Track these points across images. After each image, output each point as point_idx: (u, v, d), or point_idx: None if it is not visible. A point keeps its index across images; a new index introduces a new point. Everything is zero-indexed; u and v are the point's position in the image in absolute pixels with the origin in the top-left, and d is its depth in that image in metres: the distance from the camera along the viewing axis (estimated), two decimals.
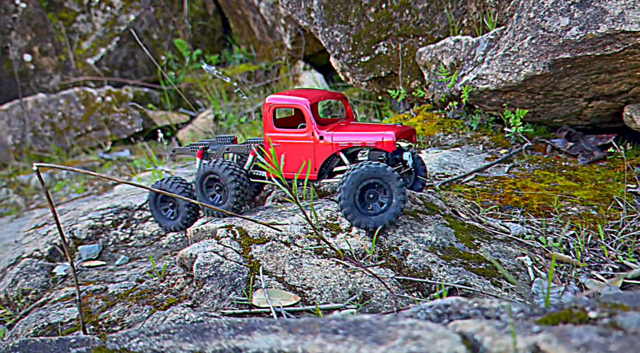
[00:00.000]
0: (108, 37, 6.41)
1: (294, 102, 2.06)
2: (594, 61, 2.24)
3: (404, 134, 2.00)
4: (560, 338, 0.82)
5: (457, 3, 3.16)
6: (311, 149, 2.04)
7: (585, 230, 1.99)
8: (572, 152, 2.54)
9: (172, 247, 2.60)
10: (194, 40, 6.77)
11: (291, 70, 5.66)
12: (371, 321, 1.05)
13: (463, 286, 1.69)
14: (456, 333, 0.93)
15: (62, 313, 2.10)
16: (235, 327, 1.20)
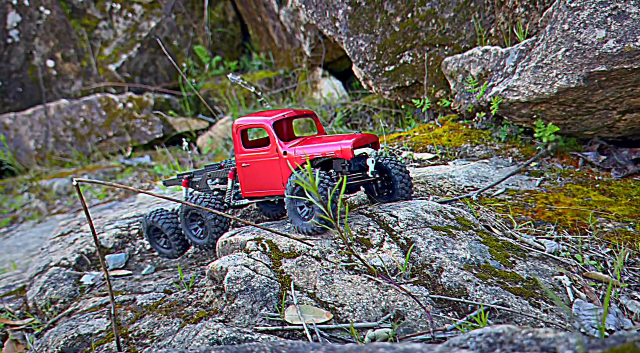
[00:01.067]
0: (129, 44, 6.47)
1: (258, 122, 2.14)
2: (630, 74, 2.19)
3: (364, 141, 2.02)
4: None
5: (485, 13, 3.12)
6: (277, 165, 2.09)
7: (624, 248, 1.94)
8: (604, 166, 2.48)
9: (198, 257, 2.59)
10: (214, 46, 6.81)
11: (310, 77, 5.65)
12: (422, 351, 1.02)
13: (501, 306, 1.65)
14: None
15: (92, 323, 2.10)
16: (277, 349, 1.17)
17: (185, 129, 5.95)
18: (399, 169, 2.11)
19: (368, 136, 2.06)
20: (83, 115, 6.02)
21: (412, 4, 3.25)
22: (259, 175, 2.16)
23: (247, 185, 2.22)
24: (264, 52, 6.63)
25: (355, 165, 2.07)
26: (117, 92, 6.34)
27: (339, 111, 4.95)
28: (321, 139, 2.10)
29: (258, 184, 2.18)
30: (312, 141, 2.08)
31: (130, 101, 6.03)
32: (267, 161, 2.12)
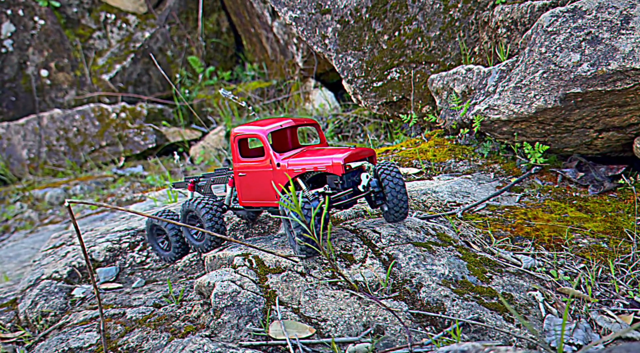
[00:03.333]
0: (123, 54, 6.55)
1: (253, 132, 2.12)
2: (604, 96, 2.29)
3: (358, 156, 1.97)
4: None
5: (469, 32, 3.22)
6: (271, 176, 2.08)
7: (596, 264, 2.03)
8: (582, 182, 2.58)
9: (187, 270, 2.65)
10: (207, 57, 6.90)
11: (302, 88, 5.74)
12: None
13: (476, 321, 1.73)
14: None
15: (82, 337, 2.16)
16: None
17: (178, 139, 6.02)
18: (393, 189, 2.02)
19: (363, 150, 2.02)
20: (76, 125, 6.08)
21: (399, 23, 3.35)
22: (254, 185, 2.15)
23: (244, 194, 2.21)
24: (257, 62, 6.73)
25: (350, 180, 2.02)
26: (110, 102, 6.41)
27: (330, 122, 5.04)
28: (317, 151, 2.07)
29: (253, 194, 2.17)
30: (307, 154, 2.05)
31: (123, 111, 6.09)
32: (262, 172, 2.11)
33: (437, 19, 3.27)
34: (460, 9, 3.21)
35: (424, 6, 3.26)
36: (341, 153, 1.95)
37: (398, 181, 2.03)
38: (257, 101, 6.04)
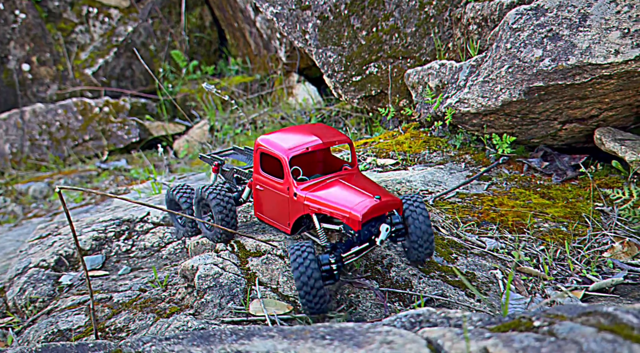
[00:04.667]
0: (106, 48, 6.59)
1: (275, 152, 1.95)
2: (565, 89, 2.46)
3: (382, 210, 1.76)
4: (505, 342, 1.02)
5: (443, 28, 3.38)
6: (287, 203, 1.94)
7: (554, 246, 2.20)
8: (546, 171, 2.75)
9: (172, 258, 2.77)
10: (191, 51, 6.97)
11: (286, 82, 5.86)
12: (354, 328, 1.24)
13: (440, 297, 1.89)
14: (423, 339, 1.13)
15: (71, 320, 2.28)
16: (237, 333, 1.39)
17: (162, 133, 6.09)
18: (418, 228, 1.84)
19: (390, 202, 1.78)
20: (59, 119, 6.13)
21: (377, 19, 3.49)
22: (270, 204, 2.04)
23: (258, 207, 2.13)
24: (240, 57, 6.82)
25: (367, 231, 1.83)
26: (93, 96, 6.46)
27: (313, 116, 5.18)
28: (341, 189, 1.85)
29: (267, 212, 2.08)
30: (330, 187, 1.86)
31: (106, 105, 6.15)
32: (279, 195, 1.97)
33: (412, 15, 3.42)
34: (435, 6, 3.37)
35: (401, 3, 3.41)
36: (363, 207, 1.73)
37: (424, 219, 1.86)
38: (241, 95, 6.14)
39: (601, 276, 2.05)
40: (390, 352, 1.09)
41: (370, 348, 1.10)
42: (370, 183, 1.92)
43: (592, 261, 2.11)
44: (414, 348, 1.09)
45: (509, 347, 1.00)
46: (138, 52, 6.62)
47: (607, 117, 2.67)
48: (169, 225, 3.02)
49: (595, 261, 2.12)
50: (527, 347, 0.99)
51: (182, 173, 4.56)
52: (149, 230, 2.97)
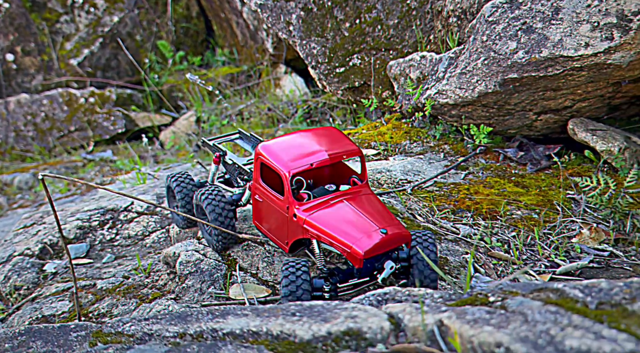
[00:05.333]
0: (91, 39, 6.58)
1: (276, 166, 1.80)
2: (538, 81, 2.55)
3: (387, 246, 1.61)
4: (458, 315, 1.10)
5: (425, 20, 3.45)
6: (285, 221, 1.82)
7: (525, 232, 2.30)
8: (522, 161, 2.85)
9: (156, 246, 2.84)
10: (177, 42, 6.97)
11: (272, 73, 5.90)
12: (322, 306, 1.32)
13: None
14: (385, 313, 1.21)
15: (55, 306, 2.33)
16: (213, 313, 1.46)
17: (148, 124, 6.12)
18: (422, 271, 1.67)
19: (398, 237, 1.62)
20: (44, 110, 6.12)
21: (360, 11, 3.55)
22: (268, 217, 1.93)
23: (257, 216, 2.03)
24: (227, 48, 6.84)
25: (370, 265, 1.69)
26: (79, 87, 6.45)
27: (300, 108, 5.23)
28: (345, 212, 1.70)
29: (266, 224, 1.98)
30: (331, 213, 1.70)
31: (92, 96, 6.15)
32: (278, 211, 1.85)
33: (395, 7, 3.49)
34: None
35: None
36: (367, 243, 1.57)
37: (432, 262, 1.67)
38: (228, 86, 6.17)
39: (568, 261, 2.15)
40: (353, 325, 1.17)
41: (335, 323, 1.18)
42: (379, 207, 1.76)
43: (560, 247, 2.21)
44: (375, 322, 1.17)
45: (461, 318, 1.09)
46: (124, 42, 6.62)
47: (581, 108, 2.77)
48: (153, 213, 3.08)
49: (564, 247, 2.21)
50: (478, 319, 1.08)
51: (168, 164, 4.61)
52: (133, 219, 3.02)
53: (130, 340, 1.39)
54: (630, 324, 0.98)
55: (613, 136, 2.66)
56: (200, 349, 1.26)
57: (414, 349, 1.07)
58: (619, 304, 1.07)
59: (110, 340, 1.41)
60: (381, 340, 1.14)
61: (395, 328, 1.18)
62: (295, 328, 1.23)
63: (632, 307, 1.05)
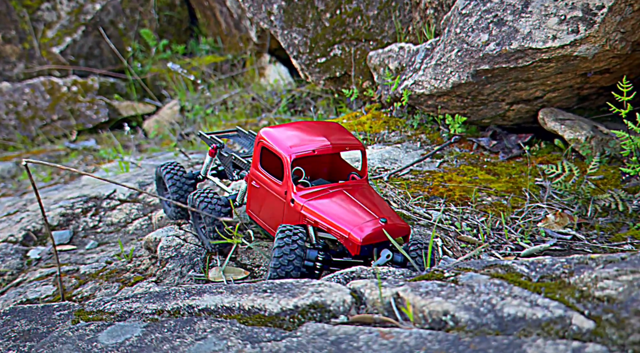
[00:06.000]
0: (73, 26, 6.55)
1: (277, 150, 1.79)
2: (509, 72, 2.66)
3: (389, 233, 1.59)
4: (413, 288, 1.21)
5: (404, 12, 3.54)
6: (282, 208, 1.79)
7: (493, 217, 2.42)
8: (494, 149, 2.97)
9: (138, 233, 2.91)
10: (161, 30, 6.97)
11: (257, 62, 5.95)
12: (292, 283, 1.42)
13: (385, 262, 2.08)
14: (349, 288, 1.32)
15: (39, 290, 2.41)
16: (189, 291, 1.55)
17: (131, 113, 6.14)
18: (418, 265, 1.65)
19: (397, 228, 1.64)
20: (26, 98, 6.11)
21: (340, 2, 3.63)
22: (264, 205, 1.90)
23: (252, 205, 1.99)
24: (211, 36, 6.85)
25: (366, 250, 1.67)
26: (61, 75, 6.44)
27: (284, 97, 5.29)
28: (344, 200, 1.70)
29: (260, 213, 1.94)
30: (331, 197, 1.70)
31: (74, 84, 6.15)
32: (275, 196, 1.82)
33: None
34: None
35: None
36: (367, 228, 1.57)
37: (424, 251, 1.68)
38: (212, 75, 6.21)
39: (533, 244, 2.28)
40: (318, 299, 1.28)
41: (302, 297, 1.29)
42: (379, 200, 1.77)
43: (526, 231, 2.34)
44: (339, 296, 1.28)
45: (415, 291, 1.20)
46: (106, 31, 6.60)
47: (551, 98, 2.89)
48: (136, 201, 3.15)
49: (529, 231, 2.34)
50: (430, 291, 1.19)
51: (151, 153, 4.66)
52: (115, 207, 3.10)
53: (111, 317, 1.48)
54: (564, 294, 1.10)
55: (581, 125, 2.79)
56: (177, 324, 1.35)
57: (372, 319, 1.18)
58: (559, 277, 1.19)
59: (92, 318, 1.50)
60: (343, 312, 1.25)
61: (356, 301, 1.28)
62: (265, 303, 1.33)
63: (569, 280, 1.17)
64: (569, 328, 0.98)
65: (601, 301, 1.06)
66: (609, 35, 2.44)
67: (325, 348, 1.09)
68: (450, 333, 1.04)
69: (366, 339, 1.09)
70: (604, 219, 2.43)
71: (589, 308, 1.04)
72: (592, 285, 1.11)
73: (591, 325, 0.98)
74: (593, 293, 1.09)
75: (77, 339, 1.39)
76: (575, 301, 1.07)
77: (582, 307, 1.05)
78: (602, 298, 1.06)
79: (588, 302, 1.06)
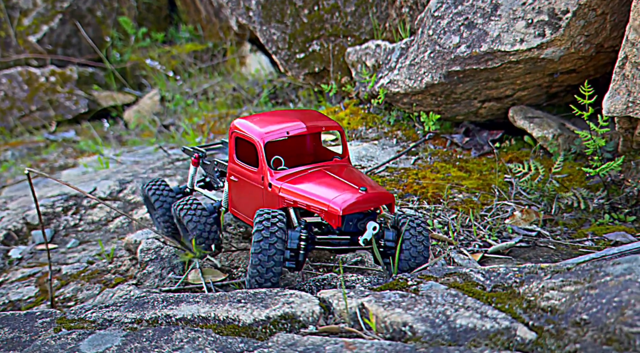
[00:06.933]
0: (50, 14, 6.43)
1: (249, 135, 1.75)
2: (480, 73, 2.73)
3: (368, 204, 1.53)
4: (377, 299, 1.30)
5: (381, 8, 3.58)
6: (261, 195, 1.73)
7: (463, 214, 2.52)
8: (467, 146, 3.06)
9: (119, 232, 2.96)
10: (140, 17, 6.87)
11: (238, 51, 5.93)
12: (265, 293, 1.50)
13: (359, 264, 2.17)
14: (318, 299, 1.40)
15: (21, 291, 2.45)
16: (167, 300, 1.62)
17: (111, 103, 6.09)
18: (414, 247, 1.61)
19: (379, 196, 1.57)
20: (3, 89, 6.02)
21: None
22: (244, 197, 1.83)
23: (233, 202, 1.93)
24: (191, 24, 6.78)
25: (351, 225, 1.61)
26: (38, 65, 6.34)
27: (265, 88, 5.30)
28: (322, 178, 1.65)
29: (242, 206, 1.88)
30: (310, 179, 1.65)
31: (53, 74, 6.07)
32: (253, 186, 1.76)
33: None
34: None
35: None
36: (347, 198, 1.50)
37: (424, 248, 1.62)
38: (192, 64, 6.17)
39: (500, 240, 2.38)
40: (289, 310, 1.35)
41: (274, 308, 1.36)
42: (359, 175, 1.72)
43: (494, 228, 2.44)
44: (308, 306, 1.36)
45: (378, 302, 1.28)
46: (84, 19, 6.49)
47: (521, 97, 2.97)
48: (116, 199, 3.18)
49: (497, 227, 2.45)
50: (392, 302, 1.27)
51: (132, 146, 4.66)
52: (95, 205, 3.12)
53: (92, 326, 1.54)
54: (512, 305, 1.19)
55: (548, 123, 2.89)
56: (155, 334, 1.42)
57: (338, 329, 1.26)
58: (510, 287, 1.28)
59: (74, 326, 1.56)
60: (312, 322, 1.33)
61: (325, 311, 1.36)
62: (239, 314, 1.40)
63: (519, 289, 1.26)
64: (514, 339, 1.07)
65: (545, 311, 1.15)
66: (574, 38, 2.52)
67: None
68: (407, 344, 1.13)
69: (332, 350, 1.17)
70: (568, 215, 2.55)
71: (533, 319, 1.14)
72: (539, 295, 1.20)
73: (533, 336, 1.08)
74: (539, 303, 1.18)
75: (59, 348, 1.45)
76: (522, 311, 1.16)
77: (528, 318, 1.14)
78: (547, 308, 1.16)
79: (533, 313, 1.15)
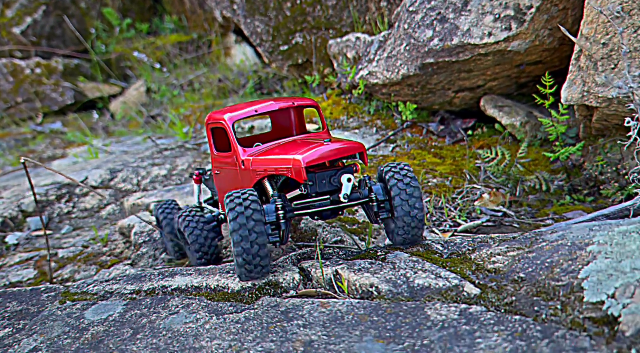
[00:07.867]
0: (33, 6, 6.48)
1: (219, 121, 1.75)
2: (452, 65, 2.93)
3: (334, 154, 1.50)
4: (349, 266, 1.50)
5: (361, 1, 3.75)
6: (238, 176, 1.72)
7: (436, 197, 2.73)
8: (441, 134, 3.27)
9: (111, 218, 3.12)
10: (124, 8, 6.95)
11: (223, 42, 6.05)
12: None
13: (339, 242, 2.38)
14: (298, 268, 1.60)
15: (20, 274, 2.62)
16: (162, 273, 1.80)
17: (97, 94, 6.19)
18: (405, 201, 1.51)
19: (347, 146, 1.52)
20: None
21: None
22: (227, 186, 1.82)
23: (220, 194, 1.94)
24: (176, 14, 6.87)
25: (326, 183, 1.55)
26: (23, 56, 6.40)
27: (250, 78, 5.46)
28: (292, 145, 1.64)
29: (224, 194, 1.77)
30: (275, 150, 1.64)
31: (38, 66, 6.15)
32: (231, 170, 1.76)
33: None
34: None
35: None
36: (307, 153, 1.47)
37: (413, 189, 1.54)
38: (177, 56, 6.28)
39: (469, 220, 2.60)
40: (272, 277, 1.55)
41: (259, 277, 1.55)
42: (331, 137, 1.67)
43: (463, 209, 2.66)
44: (289, 274, 1.55)
45: (350, 268, 1.48)
46: (68, 10, 6.56)
47: (492, 87, 3.18)
48: (107, 187, 3.34)
49: (466, 209, 2.66)
50: (362, 268, 1.47)
51: (120, 137, 4.79)
52: (88, 193, 3.28)
53: (94, 297, 1.72)
54: (463, 267, 1.40)
55: (517, 111, 3.11)
56: (153, 302, 1.61)
57: (316, 292, 1.46)
58: (463, 254, 1.49)
59: (77, 298, 1.74)
60: (293, 287, 1.53)
61: (304, 278, 1.56)
62: (228, 282, 1.60)
63: (471, 255, 1.47)
64: (461, 294, 1.28)
65: (490, 272, 1.36)
66: (538, 31, 2.73)
67: (276, 317, 1.37)
68: (373, 301, 1.33)
69: (309, 308, 1.37)
70: (532, 197, 2.78)
71: (479, 278, 1.35)
72: (487, 259, 1.42)
73: (478, 291, 1.29)
74: (486, 266, 1.39)
75: (65, 316, 1.63)
76: (471, 273, 1.37)
77: (475, 278, 1.35)
78: (492, 270, 1.37)
79: (480, 273, 1.36)
